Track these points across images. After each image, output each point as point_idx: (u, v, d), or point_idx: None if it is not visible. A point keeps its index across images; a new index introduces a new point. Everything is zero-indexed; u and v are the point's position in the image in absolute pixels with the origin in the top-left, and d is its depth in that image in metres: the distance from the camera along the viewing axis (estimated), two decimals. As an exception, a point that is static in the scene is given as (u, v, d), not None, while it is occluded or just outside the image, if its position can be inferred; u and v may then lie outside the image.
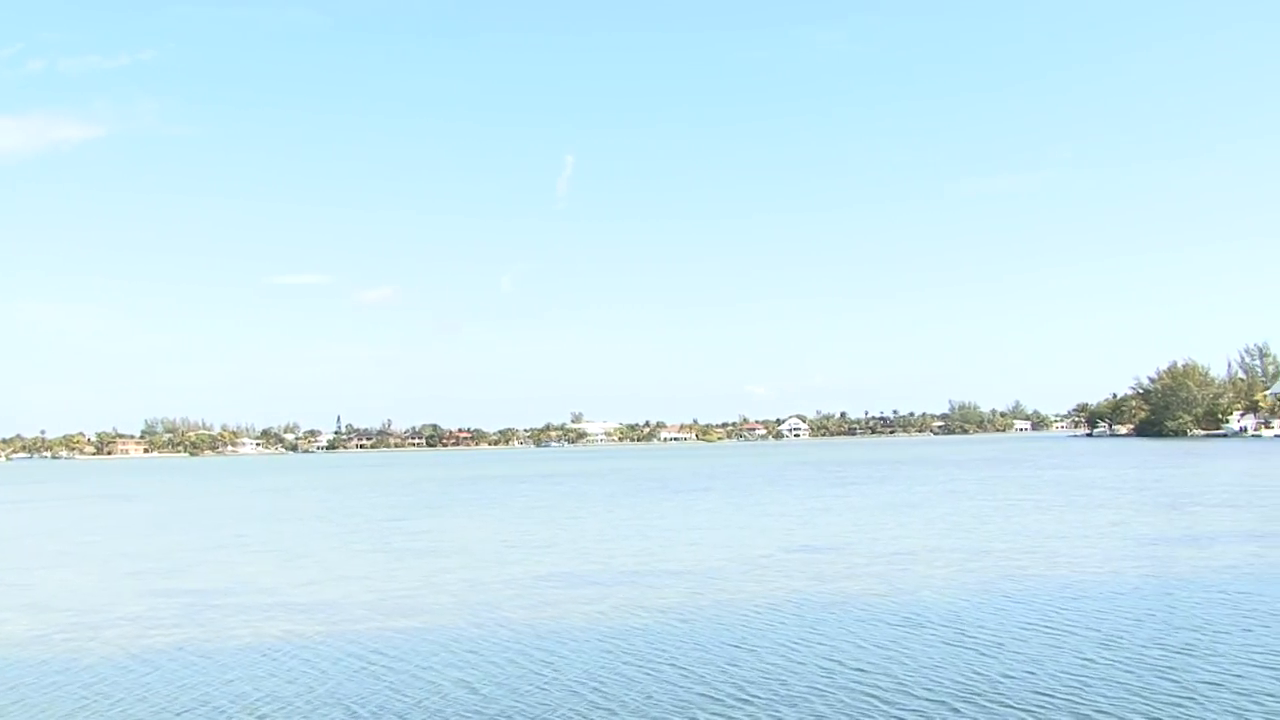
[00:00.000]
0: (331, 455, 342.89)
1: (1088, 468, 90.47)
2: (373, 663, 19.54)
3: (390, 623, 23.82)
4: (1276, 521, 39.72)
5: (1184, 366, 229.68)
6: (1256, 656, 17.66)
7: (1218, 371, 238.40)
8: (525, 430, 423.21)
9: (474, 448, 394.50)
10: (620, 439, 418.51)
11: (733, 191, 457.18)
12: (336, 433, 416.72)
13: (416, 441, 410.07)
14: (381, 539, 44.25)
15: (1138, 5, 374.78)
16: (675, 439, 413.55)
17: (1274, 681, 16.03)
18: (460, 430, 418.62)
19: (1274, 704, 14.88)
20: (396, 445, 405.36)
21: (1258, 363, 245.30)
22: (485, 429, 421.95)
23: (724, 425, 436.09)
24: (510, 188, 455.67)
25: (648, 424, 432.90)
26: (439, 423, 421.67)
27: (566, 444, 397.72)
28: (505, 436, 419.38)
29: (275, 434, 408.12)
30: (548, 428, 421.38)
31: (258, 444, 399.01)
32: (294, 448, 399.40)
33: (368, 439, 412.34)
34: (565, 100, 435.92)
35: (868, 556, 32.91)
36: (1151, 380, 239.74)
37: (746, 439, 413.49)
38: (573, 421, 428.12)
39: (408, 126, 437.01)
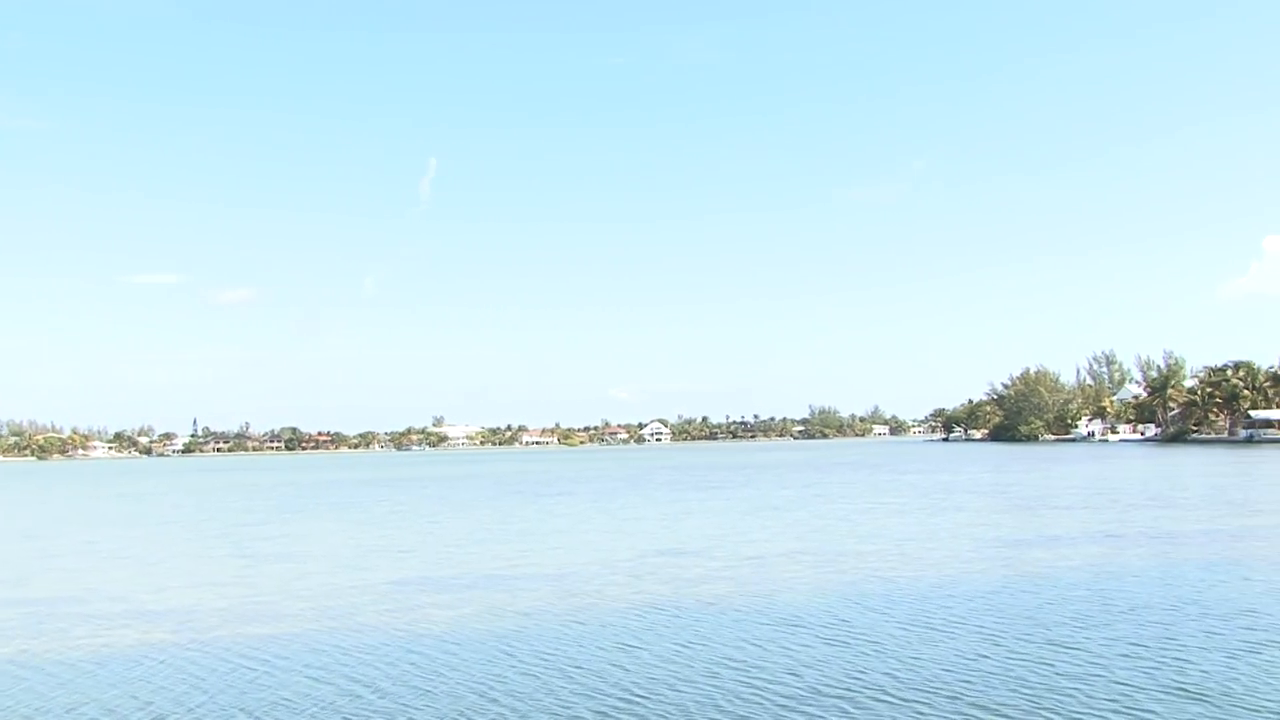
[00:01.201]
0: (187, 459, 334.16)
1: (946, 472, 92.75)
2: (226, 672, 18.95)
3: (246, 630, 23.13)
4: (1125, 523, 41.46)
5: (1036, 373, 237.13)
6: (1120, 648, 18.59)
7: (1068, 378, 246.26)
8: (386, 434, 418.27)
9: (334, 451, 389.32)
10: (482, 443, 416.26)
11: (597, 196, 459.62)
12: (192, 436, 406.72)
13: (275, 445, 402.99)
14: (238, 544, 42.96)
15: (992, 26, 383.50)
16: (537, 443, 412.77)
17: (1137, 671, 16.91)
18: (320, 433, 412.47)
19: (1139, 691, 15.71)
20: (255, 449, 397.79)
21: (1105, 370, 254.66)
22: (345, 432, 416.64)
23: (586, 429, 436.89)
24: (373, 189, 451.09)
25: (510, 428, 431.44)
26: (298, 426, 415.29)
27: (428, 447, 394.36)
28: (366, 440, 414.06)
29: (128, 437, 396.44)
30: (409, 431, 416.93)
31: (110, 447, 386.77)
32: (148, 451, 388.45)
33: (225, 442, 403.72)
34: (429, 101, 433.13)
35: (738, 559, 33.26)
36: (1005, 386, 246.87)
37: (609, 443, 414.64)
38: (434, 425, 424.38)
39: (266, 121, 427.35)
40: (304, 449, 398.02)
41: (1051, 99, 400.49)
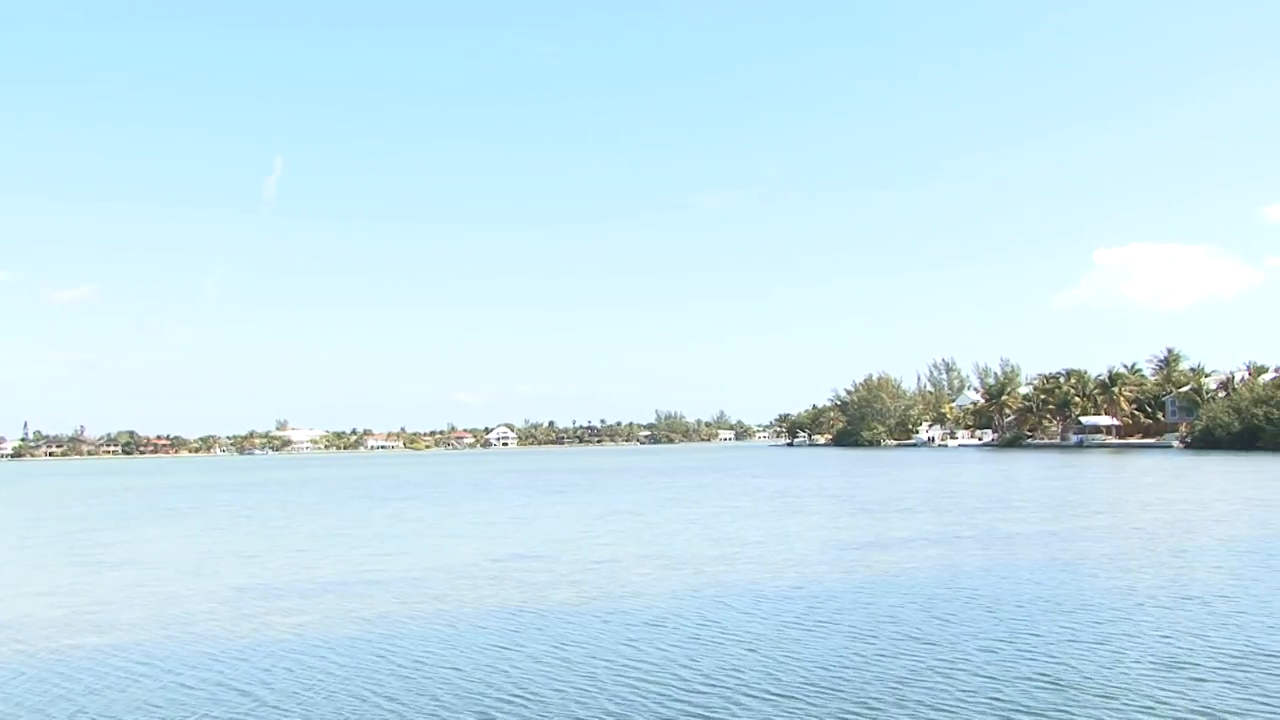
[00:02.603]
0: (16, 464, 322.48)
1: (794, 476, 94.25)
2: (56, 685, 18.08)
3: (78, 640, 22.16)
4: (971, 525, 42.85)
5: (878, 380, 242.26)
6: (982, 642, 19.38)
7: (909, 385, 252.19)
8: (228, 437, 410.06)
9: (174, 455, 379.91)
10: (326, 446, 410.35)
11: (444, 198, 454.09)
12: (23, 440, 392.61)
13: (112, 449, 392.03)
14: (72, 551, 41.15)
15: (840, 36, 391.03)
16: (383, 447, 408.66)
17: (1002, 664, 17.66)
18: (159, 437, 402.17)
19: (1006, 683, 16.36)
20: (90, 453, 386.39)
21: (945, 377, 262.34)
22: (186, 436, 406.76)
23: (432, 434, 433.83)
24: (216, 187, 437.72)
25: (354, 432, 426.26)
26: (137, 429, 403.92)
27: (271, 451, 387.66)
28: (207, 444, 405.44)
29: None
30: (251, 435, 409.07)
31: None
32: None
33: (58, 446, 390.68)
34: (274, 99, 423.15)
35: (596, 562, 33.33)
36: (849, 392, 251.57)
37: (455, 447, 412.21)
38: (277, 429, 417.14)
39: (106, 114, 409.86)
40: (142, 453, 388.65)
41: (897, 111, 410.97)
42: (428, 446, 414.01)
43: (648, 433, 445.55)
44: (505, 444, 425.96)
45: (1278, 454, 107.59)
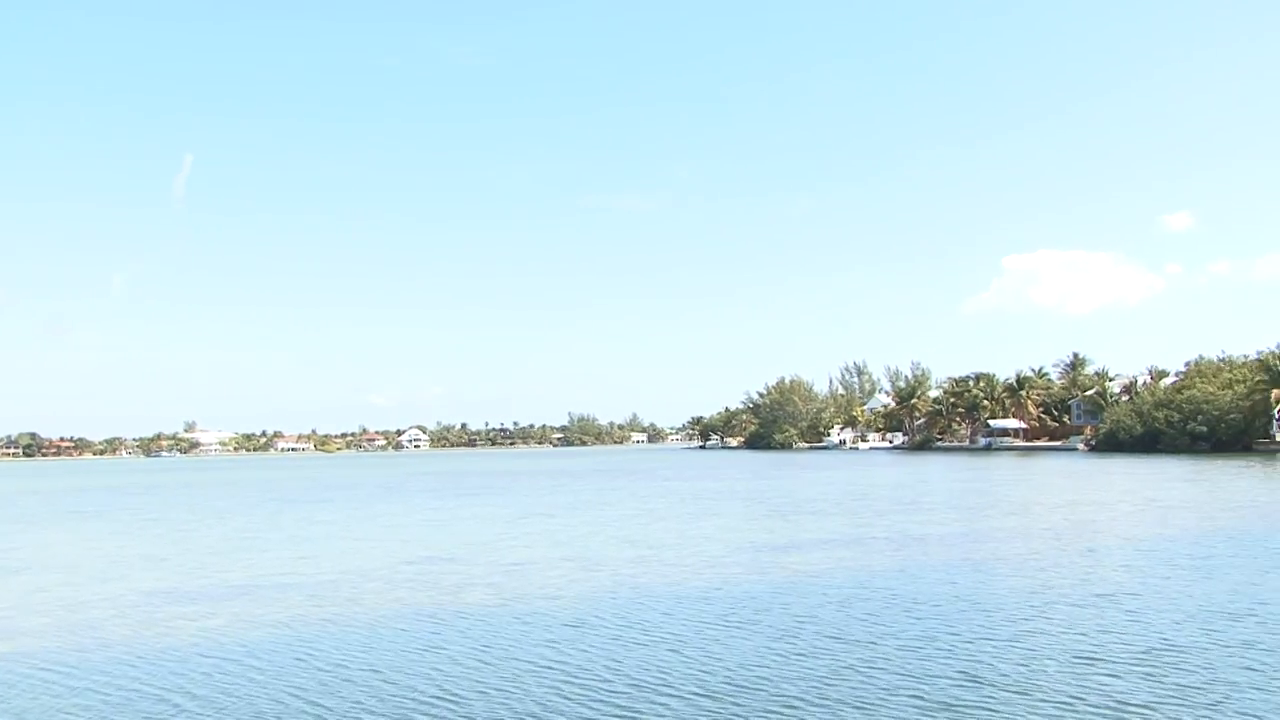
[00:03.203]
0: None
1: (707, 478, 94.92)
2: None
3: (-19, 648, 21.31)
4: (886, 527, 43.48)
5: (791, 383, 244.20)
6: (905, 640, 19.59)
7: (821, 388, 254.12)
8: (134, 440, 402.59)
9: (77, 457, 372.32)
10: (236, 449, 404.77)
11: (358, 197, 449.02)
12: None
13: (12, 451, 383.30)
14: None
15: (752, 38, 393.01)
16: (293, 449, 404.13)
17: (927, 662, 17.90)
18: (62, 439, 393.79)
19: (932, 679, 16.60)
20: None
21: (856, 380, 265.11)
22: (90, 438, 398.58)
23: (343, 436, 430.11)
24: (123, 184, 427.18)
25: (264, 434, 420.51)
26: (38, 431, 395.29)
27: (179, 454, 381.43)
28: (112, 446, 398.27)
29: None
30: (159, 437, 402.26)
31: None
32: None
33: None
34: (184, 95, 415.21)
35: (514, 564, 33.15)
36: (761, 395, 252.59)
37: (366, 450, 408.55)
38: (185, 431, 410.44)
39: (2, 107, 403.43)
40: (44, 455, 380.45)
41: (808, 115, 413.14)
42: (339, 449, 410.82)
43: (560, 435, 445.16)
44: (417, 446, 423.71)
45: (1177, 456, 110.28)
